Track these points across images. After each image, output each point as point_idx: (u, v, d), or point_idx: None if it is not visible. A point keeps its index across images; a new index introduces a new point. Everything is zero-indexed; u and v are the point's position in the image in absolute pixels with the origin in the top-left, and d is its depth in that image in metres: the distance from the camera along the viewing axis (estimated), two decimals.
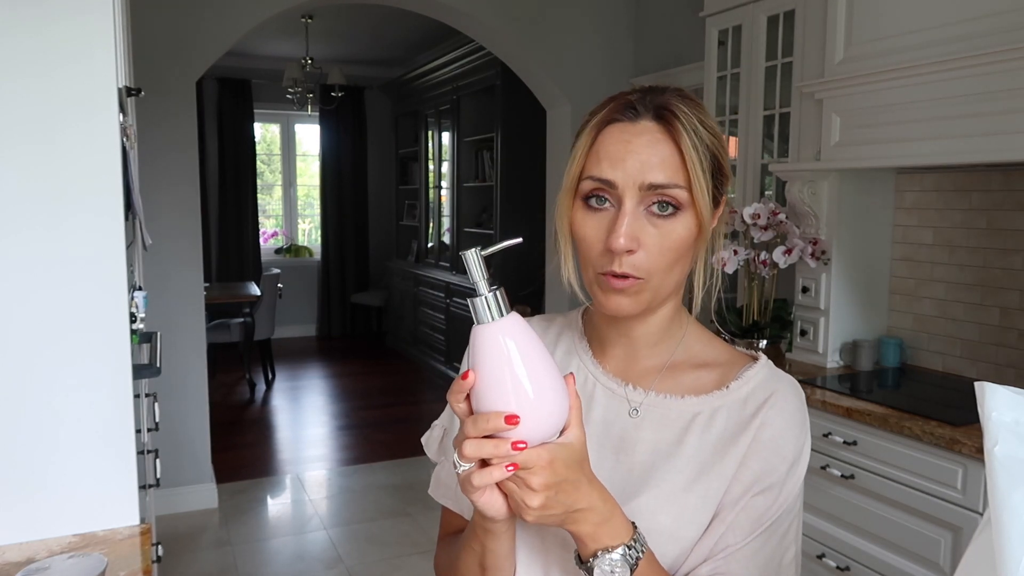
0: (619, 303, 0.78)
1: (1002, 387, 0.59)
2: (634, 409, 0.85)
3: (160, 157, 3.36)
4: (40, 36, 1.26)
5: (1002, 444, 0.57)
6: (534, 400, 0.64)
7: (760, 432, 0.81)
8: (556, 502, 0.67)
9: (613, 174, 0.76)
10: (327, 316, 7.87)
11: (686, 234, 0.78)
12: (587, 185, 0.78)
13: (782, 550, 0.82)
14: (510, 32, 3.88)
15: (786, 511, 0.81)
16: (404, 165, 7.60)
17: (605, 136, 0.78)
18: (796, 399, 0.84)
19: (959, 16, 2.04)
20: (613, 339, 0.88)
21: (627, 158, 0.76)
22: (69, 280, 1.30)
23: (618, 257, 0.76)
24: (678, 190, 0.76)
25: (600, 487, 0.71)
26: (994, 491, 0.56)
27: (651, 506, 0.79)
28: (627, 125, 0.78)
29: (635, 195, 0.76)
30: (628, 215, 0.76)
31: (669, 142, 0.77)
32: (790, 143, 2.72)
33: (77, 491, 1.33)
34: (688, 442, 0.82)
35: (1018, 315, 2.32)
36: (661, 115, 0.78)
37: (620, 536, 0.71)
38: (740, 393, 0.83)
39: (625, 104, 0.79)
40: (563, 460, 0.67)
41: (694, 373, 0.86)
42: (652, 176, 0.76)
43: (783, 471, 0.81)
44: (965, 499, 1.86)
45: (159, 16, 3.29)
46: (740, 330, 2.76)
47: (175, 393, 3.45)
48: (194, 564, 3.14)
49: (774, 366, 0.87)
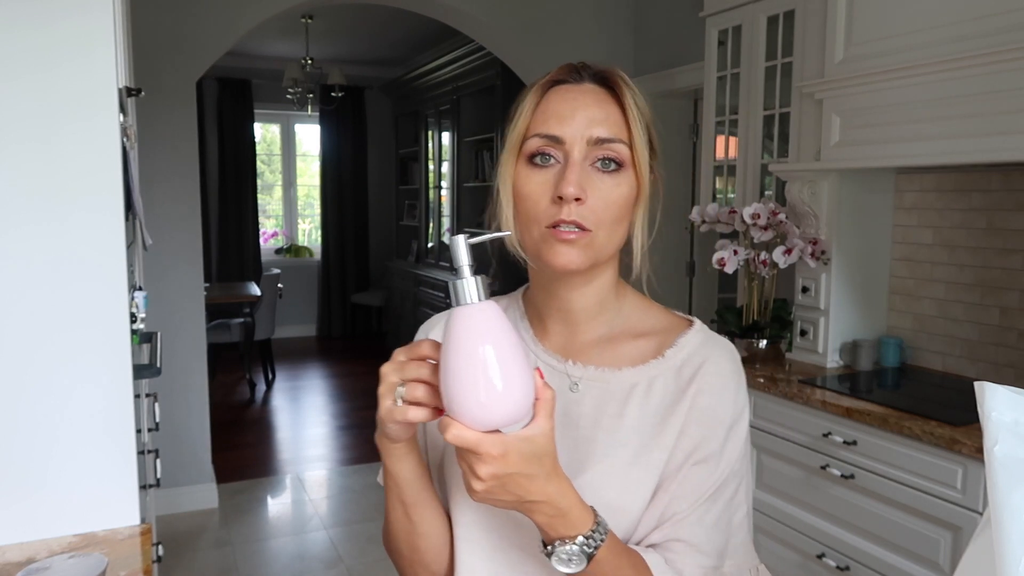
0: (568, 256, 0.79)
1: (1002, 387, 0.59)
2: (574, 384, 0.86)
3: (160, 157, 3.36)
4: (40, 35, 1.26)
5: (1002, 444, 0.57)
6: (500, 387, 0.65)
7: (696, 399, 0.82)
8: (504, 491, 0.68)
9: (561, 130, 0.79)
10: (327, 316, 7.87)
11: (628, 192, 0.81)
12: (534, 143, 0.80)
13: (731, 512, 0.83)
14: (510, 32, 3.88)
15: (731, 474, 0.83)
16: (404, 165, 7.60)
17: (551, 96, 0.82)
18: (730, 362, 0.86)
19: (959, 16, 2.04)
20: (552, 315, 0.89)
21: (575, 114, 0.80)
22: (69, 280, 1.30)
23: (567, 205, 0.77)
24: (621, 145, 0.80)
25: (560, 482, 0.71)
26: (994, 491, 0.56)
27: (597, 481, 0.80)
28: (572, 86, 0.82)
29: (582, 149, 0.79)
30: (576, 165, 0.78)
31: (613, 102, 0.82)
32: (790, 143, 2.72)
33: (77, 491, 1.33)
34: (629, 413, 0.83)
35: (1018, 315, 2.32)
36: (603, 79, 0.83)
37: (578, 527, 0.71)
38: (675, 360, 0.85)
39: (569, 68, 0.84)
40: (519, 452, 0.67)
41: (633, 343, 0.87)
42: (598, 131, 0.79)
43: (721, 436, 0.82)
44: (965, 499, 1.86)
45: (159, 16, 3.29)
46: (740, 330, 2.76)
47: (175, 393, 3.45)
48: (194, 564, 3.14)
49: (708, 330, 0.89)
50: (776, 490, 2.43)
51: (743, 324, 2.77)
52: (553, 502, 0.70)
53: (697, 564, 0.80)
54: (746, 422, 0.85)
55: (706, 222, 2.86)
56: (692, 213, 2.92)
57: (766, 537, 2.48)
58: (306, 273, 7.90)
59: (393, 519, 0.84)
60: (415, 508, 0.82)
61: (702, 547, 0.80)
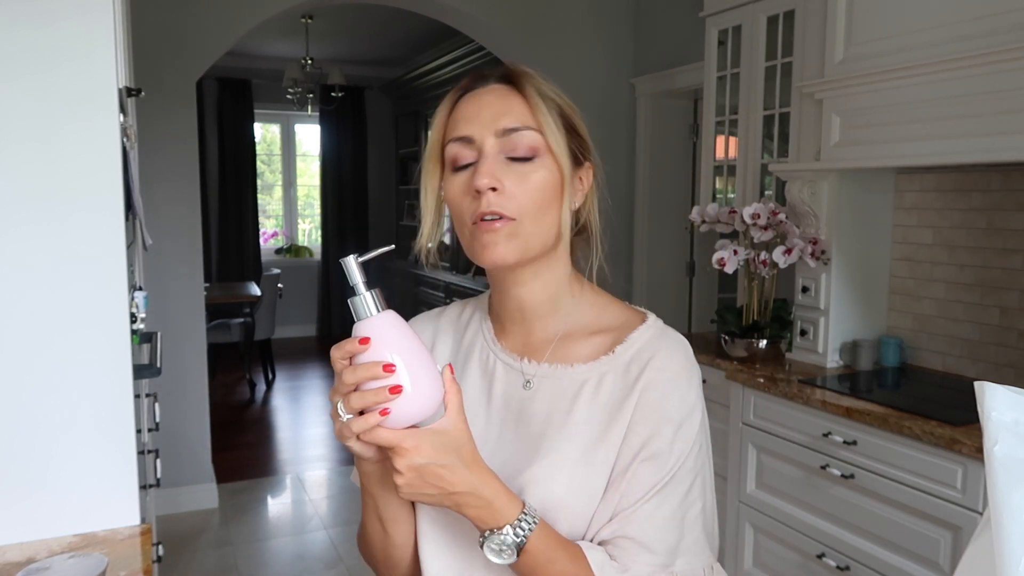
0: (495, 249, 0.81)
1: (1002, 387, 0.59)
2: (527, 381, 0.87)
3: (160, 157, 3.36)
4: (40, 35, 1.26)
5: (1002, 444, 0.57)
6: (409, 388, 0.70)
7: (644, 395, 0.83)
8: (424, 483, 0.72)
9: (470, 129, 0.82)
10: (327, 316, 7.86)
11: (549, 177, 0.82)
12: (451, 149, 0.83)
13: (684, 508, 0.82)
14: (510, 32, 3.88)
15: (682, 471, 0.82)
16: (404, 165, 7.60)
17: (460, 103, 0.85)
18: (680, 357, 0.85)
19: (959, 16, 2.04)
20: (510, 315, 0.90)
21: (480, 112, 0.83)
22: (69, 280, 1.30)
23: (484, 196, 0.80)
24: (530, 132, 0.82)
25: (481, 472, 0.74)
26: (994, 491, 0.56)
27: (542, 475, 0.81)
28: (479, 90, 0.85)
29: (493, 143, 0.81)
30: (488, 157, 0.81)
31: (517, 95, 0.84)
32: (790, 143, 2.72)
33: (77, 491, 1.33)
34: (578, 409, 0.84)
35: (1018, 315, 2.32)
36: (506, 76, 0.85)
37: (505, 517, 0.74)
38: (625, 356, 0.85)
39: (474, 75, 0.87)
40: (432, 444, 0.71)
41: (588, 340, 0.88)
42: (504, 122, 0.82)
43: (670, 433, 0.82)
44: (965, 499, 1.86)
45: (159, 16, 3.29)
46: (740, 330, 2.76)
47: (175, 393, 3.45)
48: (194, 564, 3.14)
49: (663, 325, 0.89)
50: (776, 490, 2.43)
51: (743, 324, 2.77)
52: (475, 492, 0.73)
53: (645, 562, 0.79)
54: (698, 418, 0.84)
55: (706, 222, 2.87)
56: (692, 213, 2.92)
57: (766, 537, 2.48)
58: (306, 273, 7.90)
59: (370, 530, 0.87)
60: (392, 524, 0.85)
61: (651, 545, 0.80)
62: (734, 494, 2.60)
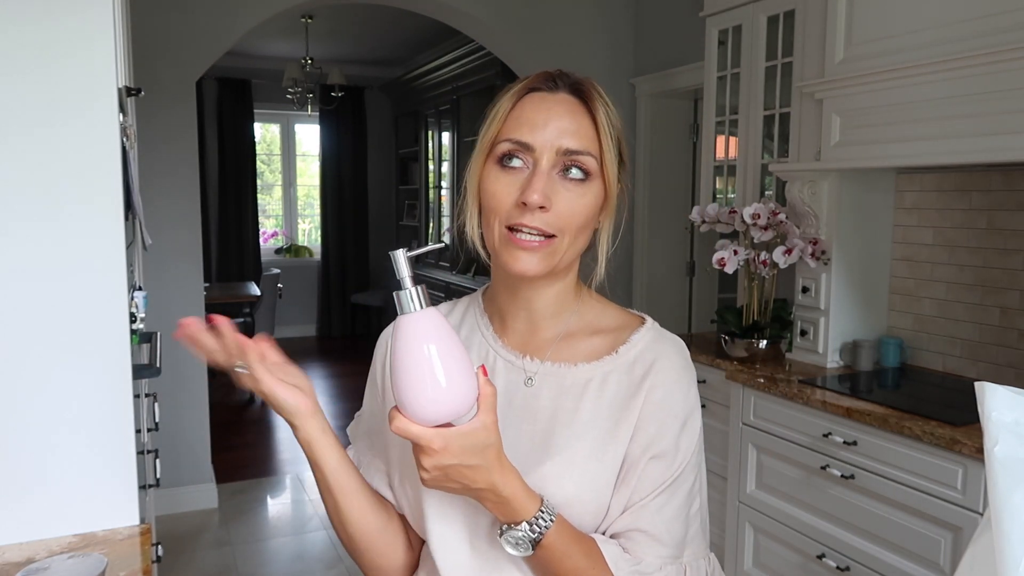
0: (527, 264, 0.82)
1: (1002, 387, 0.59)
2: (529, 379, 0.89)
3: (160, 157, 3.36)
4: (39, 34, 1.26)
5: (1002, 444, 0.57)
6: (444, 384, 0.71)
7: (650, 395, 0.85)
8: (449, 480, 0.74)
9: (532, 137, 0.82)
10: (327, 316, 7.86)
11: (594, 201, 0.84)
12: (504, 147, 0.83)
13: (688, 503, 0.86)
14: (510, 32, 3.88)
15: (687, 467, 0.86)
16: (404, 165, 7.60)
17: (525, 103, 0.84)
18: (681, 359, 0.89)
19: (959, 16, 2.04)
20: (514, 312, 0.92)
21: (547, 124, 0.82)
22: (69, 280, 1.30)
23: (530, 212, 0.80)
24: (589, 158, 0.83)
25: (504, 472, 0.76)
26: (994, 491, 0.56)
27: (555, 473, 0.83)
28: (547, 94, 0.85)
29: (551, 158, 0.82)
30: (543, 174, 0.81)
31: (586, 114, 0.84)
32: (790, 143, 2.72)
33: (77, 491, 1.33)
34: (584, 408, 0.86)
35: (1018, 315, 2.32)
36: (578, 90, 0.85)
37: (522, 514, 0.77)
38: (628, 356, 0.88)
39: (545, 76, 0.86)
40: (460, 446, 0.72)
41: (589, 340, 0.90)
42: (568, 142, 0.82)
43: (676, 431, 0.85)
44: (965, 499, 1.86)
45: (159, 16, 3.29)
46: (740, 330, 2.76)
47: (175, 393, 3.45)
48: (194, 564, 3.14)
49: (659, 328, 0.92)
50: (776, 490, 2.43)
51: (743, 324, 2.77)
52: (496, 490, 0.75)
53: (656, 554, 0.83)
54: (699, 417, 0.89)
55: (706, 222, 2.86)
56: (692, 213, 2.92)
57: (766, 537, 2.48)
58: (306, 273, 7.90)
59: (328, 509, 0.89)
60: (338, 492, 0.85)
61: (661, 538, 0.84)
62: (734, 494, 2.59)
